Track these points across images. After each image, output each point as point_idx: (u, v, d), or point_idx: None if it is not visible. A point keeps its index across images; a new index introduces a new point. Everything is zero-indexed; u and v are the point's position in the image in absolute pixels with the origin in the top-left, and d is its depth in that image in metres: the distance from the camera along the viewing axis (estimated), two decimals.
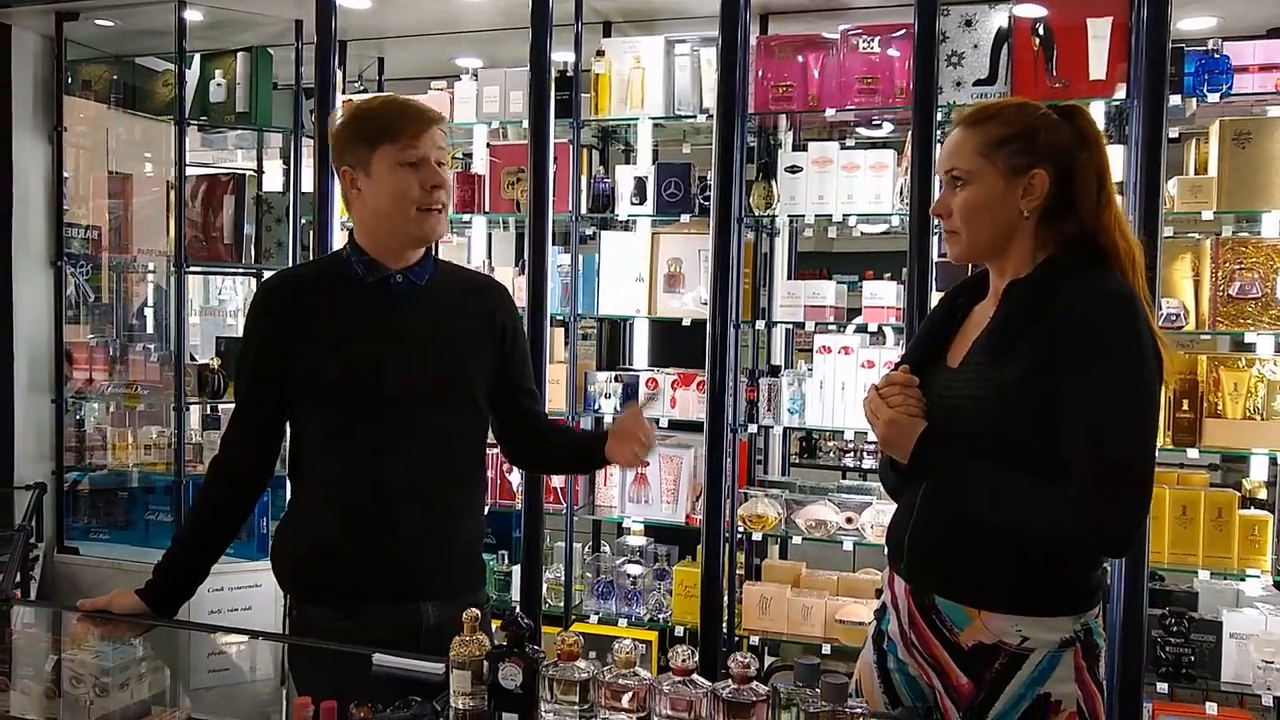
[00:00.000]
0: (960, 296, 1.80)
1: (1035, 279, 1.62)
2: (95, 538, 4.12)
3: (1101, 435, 1.50)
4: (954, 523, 1.64)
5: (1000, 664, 1.59)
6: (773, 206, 3.38)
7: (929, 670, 1.68)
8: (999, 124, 1.64)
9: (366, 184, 1.86)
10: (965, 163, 1.65)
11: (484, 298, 2.04)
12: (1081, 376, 1.52)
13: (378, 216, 1.87)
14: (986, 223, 1.65)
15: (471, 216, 3.79)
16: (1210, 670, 2.98)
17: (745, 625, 3.39)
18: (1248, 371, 3.01)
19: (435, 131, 1.86)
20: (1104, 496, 1.50)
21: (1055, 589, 1.60)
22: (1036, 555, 1.58)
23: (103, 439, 4.12)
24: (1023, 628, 1.58)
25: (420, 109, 1.88)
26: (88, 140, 4.22)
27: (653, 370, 3.65)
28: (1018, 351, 1.57)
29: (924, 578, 1.68)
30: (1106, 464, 1.50)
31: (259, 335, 1.92)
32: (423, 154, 1.83)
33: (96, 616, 1.97)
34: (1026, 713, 1.58)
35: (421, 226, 1.86)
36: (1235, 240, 3.04)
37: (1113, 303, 1.55)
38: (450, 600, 1.86)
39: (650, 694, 1.52)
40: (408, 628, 1.85)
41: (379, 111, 1.87)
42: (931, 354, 1.76)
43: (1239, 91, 3.01)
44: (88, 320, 4.23)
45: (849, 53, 3.24)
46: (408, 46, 4.37)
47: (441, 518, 1.90)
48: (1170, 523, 3.00)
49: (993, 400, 1.58)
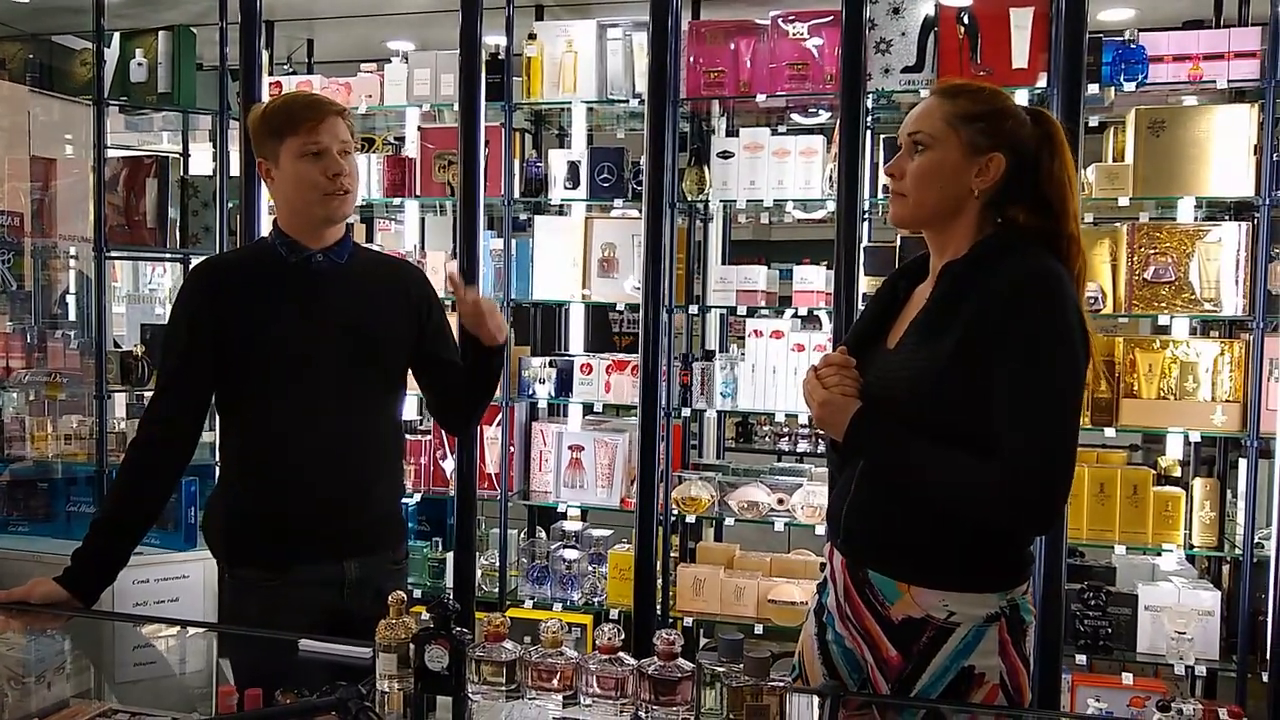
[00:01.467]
0: (902, 279, 1.82)
1: (970, 260, 1.65)
2: (14, 530, 3.99)
3: (1024, 414, 1.53)
4: (887, 499, 1.67)
5: (927, 637, 1.62)
6: (705, 192, 3.40)
7: (861, 643, 1.70)
8: (971, 100, 1.66)
9: (278, 174, 2.01)
10: (930, 128, 1.66)
11: (399, 274, 2.18)
12: (1007, 355, 1.54)
13: (289, 203, 2.02)
14: (936, 191, 1.66)
15: (403, 200, 3.75)
16: (1126, 642, 3.09)
17: (679, 607, 3.42)
18: (1162, 353, 3.10)
19: (336, 122, 1.99)
20: (1027, 474, 1.52)
21: (982, 566, 1.63)
22: (965, 532, 1.61)
23: (21, 429, 4.00)
24: (949, 603, 1.61)
25: (320, 101, 2.01)
26: (5, 122, 4.08)
27: (588, 355, 3.66)
28: (950, 331, 1.59)
29: (858, 552, 1.71)
30: (1029, 441, 1.52)
31: (190, 313, 2.01)
32: (323, 145, 1.96)
33: (13, 609, 1.92)
34: (951, 685, 1.61)
35: (327, 208, 1.99)
36: (1150, 226, 3.13)
37: (1041, 282, 1.57)
38: (370, 556, 2.04)
39: (577, 673, 1.53)
40: (332, 584, 1.99)
41: (283, 106, 2.01)
42: (872, 336, 1.79)
43: (1155, 81, 3.11)
44: (5, 308, 4.09)
45: (780, 39, 3.27)
46: (338, 28, 4.31)
47: (359, 482, 2.02)
48: (1089, 500, 3.10)
49: (925, 379, 1.60)
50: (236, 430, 2.06)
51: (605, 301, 3.61)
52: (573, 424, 3.71)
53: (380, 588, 2.01)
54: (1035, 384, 1.53)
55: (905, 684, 1.64)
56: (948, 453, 1.58)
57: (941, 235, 1.70)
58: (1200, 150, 3.07)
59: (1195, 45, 3.09)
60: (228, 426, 2.09)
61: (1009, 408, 1.54)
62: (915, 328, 1.68)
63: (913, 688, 1.63)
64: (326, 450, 1.98)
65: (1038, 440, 1.52)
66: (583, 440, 3.56)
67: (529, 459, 3.68)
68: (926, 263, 1.77)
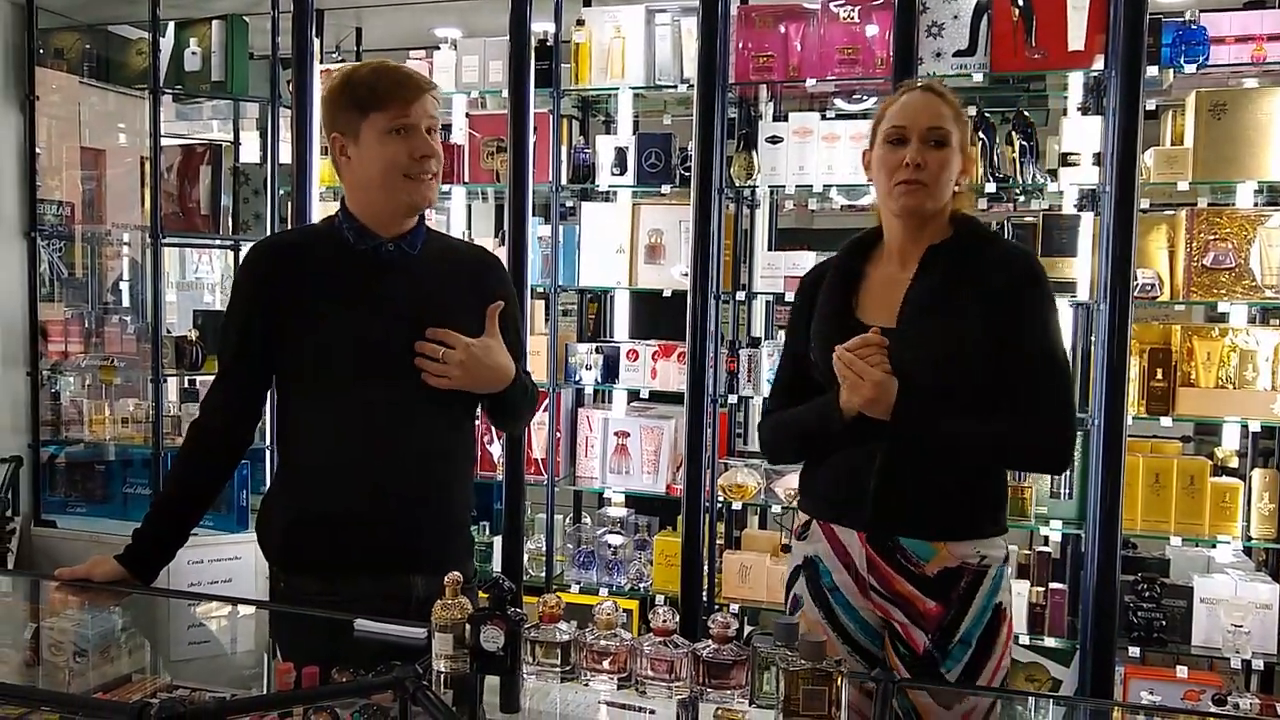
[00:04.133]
0: (855, 259, 1.95)
1: (958, 243, 1.84)
2: (73, 511, 4.09)
3: (1048, 377, 1.79)
4: (916, 469, 1.80)
5: (965, 581, 1.80)
6: (753, 177, 3.37)
7: (890, 606, 1.83)
8: (955, 102, 1.86)
9: (355, 152, 1.83)
10: (947, 124, 1.81)
11: (477, 269, 1.99)
12: (1031, 323, 1.78)
13: (367, 184, 1.84)
14: (948, 184, 1.83)
15: (451, 187, 3.77)
16: (1181, 634, 3.04)
17: (725, 594, 3.42)
18: (1221, 341, 3.04)
19: (427, 99, 1.82)
20: (1061, 426, 1.79)
21: (998, 515, 1.87)
22: (988, 487, 1.86)
23: (79, 412, 4.09)
24: (980, 548, 1.82)
25: (413, 76, 1.84)
26: (60, 111, 4.16)
27: (633, 342, 3.66)
28: (964, 311, 1.78)
29: (888, 524, 1.82)
30: (1058, 395, 1.79)
31: (247, 297, 1.89)
32: (413, 122, 1.80)
33: (75, 586, 1.96)
34: (988, 624, 1.81)
35: (411, 195, 1.83)
36: (1210, 211, 3.06)
37: (1038, 266, 1.86)
38: (439, 573, 1.76)
39: (631, 655, 1.53)
40: (397, 601, 1.81)
41: (370, 78, 1.82)
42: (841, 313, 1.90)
43: (1215, 63, 3.03)
44: (62, 296, 4.18)
45: (829, 23, 3.24)
46: (386, 16, 4.34)
47: (432, 489, 1.88)
48: (1144, 490, 3.05)
49: (955, 352, 1.77)
50: (295, 426, 1.90)
51: (652, 288, 3.60)
52: (616, 410, 3.72)
53: None
54: (1053, 352, 1.80)
55: (947, 630, 1.80)
56: (989, 415, 1.78)
57: (929, 221, 1.85)
58: (1261, 134, 2.99)
59: (1259, 25, 3.01)
60: (286, 423, 1.92)
61: (1036, 372, 1.78)
62: (919, 309, 1.81)
63: (956, 632, 1.80)
64: (393, 451, 1.83)
65: (1061, 398, 1.80)
66: (629, 426, 3.57)
67: (575, 444, 3.69)
68: (871, 242, 1.94)
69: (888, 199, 1.85)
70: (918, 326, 1.80)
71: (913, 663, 1.82)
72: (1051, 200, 3.36)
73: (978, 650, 1.80)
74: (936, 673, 1.81)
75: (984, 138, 3.16)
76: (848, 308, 1.89)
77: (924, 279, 1.83)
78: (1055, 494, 3.16)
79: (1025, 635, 3.10)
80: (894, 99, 1.88)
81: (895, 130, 1.82)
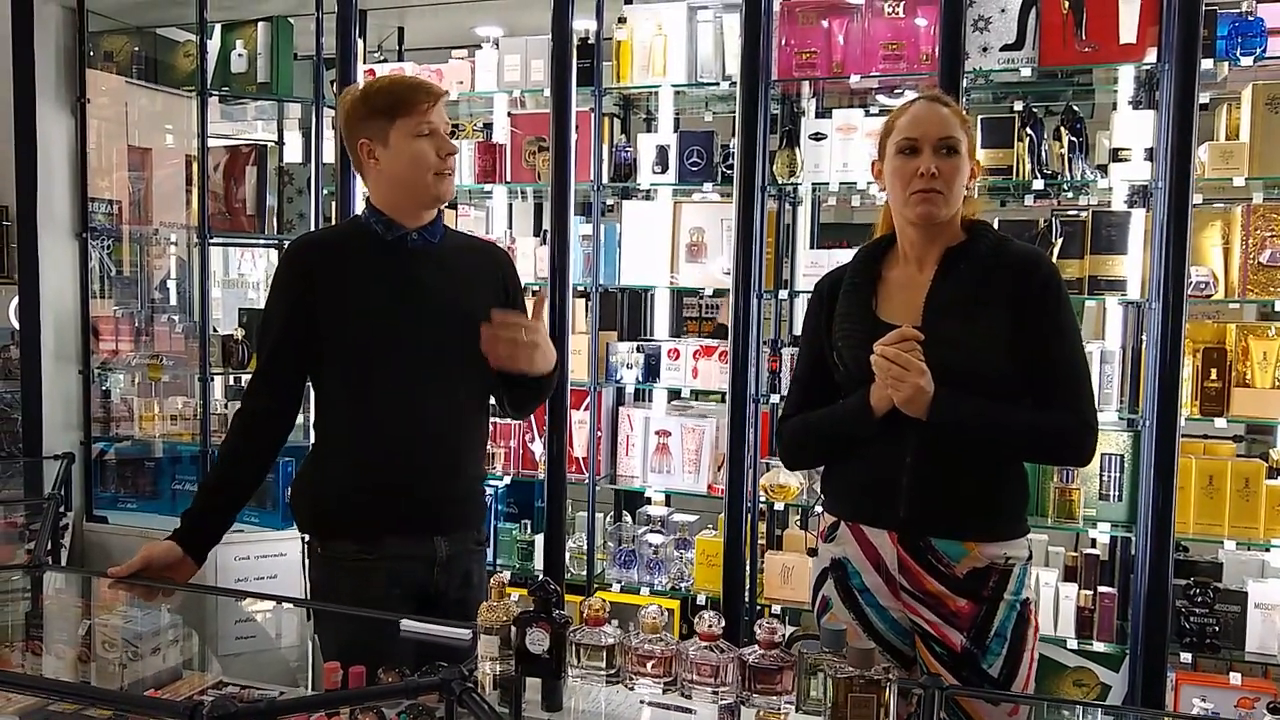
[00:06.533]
0: (873, 261, 2.01)
1: (974, 246, 1.90)
2: (123, 507, 4.16)
3: (1075, 374, 1.86)
4: (950, 468, 1.84)
5: (994, 580, 1.85)
6: (796, 174, 3.34)
7: (920, 606, 1.86)
8: (960, 112, 1.92)
9: (384, 154, 2.04)
10: (957, 133, 1.88)
11: (488, 257, 2.23)
12: (1057, 324, 1.85)
13: (397, 182, 2.05)
14: (960, 190, 1.90)
15: (492, 186, 3.78)
16: (1234, 640, 2.97)
17: (767, 595, 3.40)
18: (1277, 340, 2.97)
19: (440, 105, 2.06)
20: (1090, 421, 1.85)
21: (1022, 515, 1.93)
22: (1016, 489, 1.92)
23: (129, 410, 4.15)
24: (1006, 549, 1.87)
25: (429, 85, 2.06)
26: (109, 113, 4.22)
27: (675, 340, 3.64)
28: (983, 306, 1.84)
29: (920, 524, 1.86)
30: (1082, 395, 1.86)
31: (287, 292, 2.06)
32: (435, 125, 2.03)
33: (127, 583, 1.99)
34: (1016, 620, 1.85)
35: (438, 188, 2.06)
36: (1267, 207, 2.99)
37: (1054, 267, 1.92)
38: (458, 534, 2.09)
39: (676, 659, 1.53)
40: (423, 560, 2.04)
41: (392, 89, 2.05)
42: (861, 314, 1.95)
43: (1273, 55, 2.96)
44: (111, 294, 4.25)
45: (873, 18, 3.20)
46: (428, 16, 4.36)
47: (452, 459, 2.08)
48: (1196, 493, 2.98)
49: (979, 349, 1.83)
50: (333, 405, 2.09)
51: (693, 287, 3.59)
52: (657, 409, 3.71)
53: (468, 569, 2.11)
54: (1077, 350, 1.87)
55: (981, 626, 1.84)
56: (1015, 409, 1.84)
57: (944, 226, 1.91)
58: None
59: None
60: (324, 402, 2.12)
61: (1063, 370, 1.84)
62: (942, 308, 1.86)
63: (990, 627, 1.84)
64: (423, 425, 2.02)
65: (1086, 393, 1.87)
66: (670, 425, 3.56)
67: (615, 443, 3.69)
68: (886, 245, 2.00)
69: (904, 207, 1.91)
70: (942, 325, 1.84)
71: (951, 661, 1.86)
72: (1100, 196, 3.30)
73: (1012, 642, 1.86)
74: (979, 668, 1.85)
75: (1031, 133, 3.11)
76: (869, 309, 1.95)
77: (944, 280, 1.89)
78: (1104, 495, 3.10)
79: (1073, 639, 3.05)
80: (901, 111, 1.94)
81: (907, 141, 1.89)
